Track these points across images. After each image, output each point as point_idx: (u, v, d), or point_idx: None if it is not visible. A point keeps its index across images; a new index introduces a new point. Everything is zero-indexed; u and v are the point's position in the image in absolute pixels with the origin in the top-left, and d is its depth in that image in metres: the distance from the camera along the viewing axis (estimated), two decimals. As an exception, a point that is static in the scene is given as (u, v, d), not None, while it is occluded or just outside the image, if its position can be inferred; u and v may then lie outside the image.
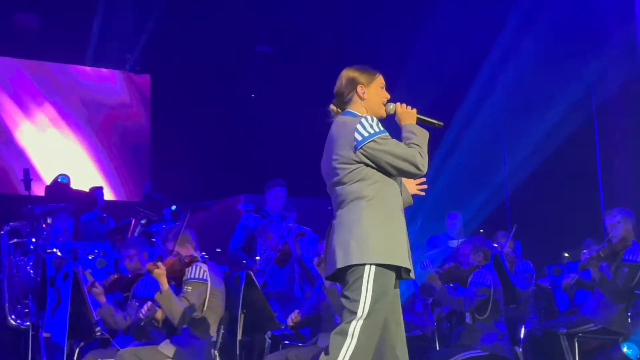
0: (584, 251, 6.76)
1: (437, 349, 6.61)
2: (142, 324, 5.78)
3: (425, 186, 4.29)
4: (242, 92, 11.42)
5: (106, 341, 6.06)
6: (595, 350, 6.50)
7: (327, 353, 3.79)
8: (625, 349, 5.75)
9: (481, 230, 8.24)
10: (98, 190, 9.56)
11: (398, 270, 3.89)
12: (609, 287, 6.50)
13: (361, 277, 3.79)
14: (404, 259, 3.88)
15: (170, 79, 11.55)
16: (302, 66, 11.13)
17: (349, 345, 3.75)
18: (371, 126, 3.88)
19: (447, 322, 6.86)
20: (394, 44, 10.53)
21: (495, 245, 7.63)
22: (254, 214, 7.88)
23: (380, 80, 4.10)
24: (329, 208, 10.07)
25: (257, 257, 7.44)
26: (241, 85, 11.39)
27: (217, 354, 5.66)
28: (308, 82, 10.83)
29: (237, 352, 5.74)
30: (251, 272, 5.95)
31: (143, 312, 5.69)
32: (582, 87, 10.21)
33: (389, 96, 4.11)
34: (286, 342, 6.34)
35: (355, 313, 3.77)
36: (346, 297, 3.83)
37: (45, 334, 6.15)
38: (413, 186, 4.26)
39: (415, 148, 3.91)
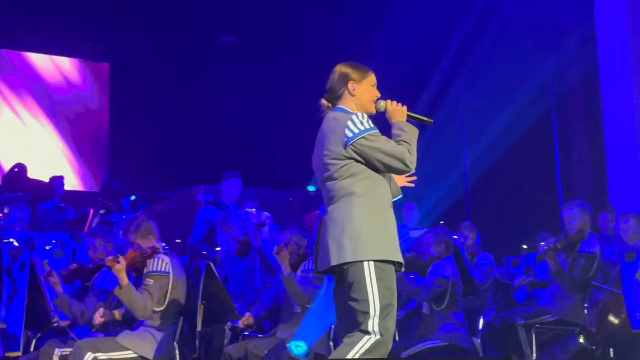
0: (542, 243, 6.83)
1: (396, 339, 6.64)
2: (93, 330, 5.72)
3: (415, 178, 4.33)
4: (202, 82, 11.34)
5: (64, 331, 6.00)
6: (551, 341, 6.57)
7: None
8: (581, 339, 5.82)
9: (441, 222, 8.27)
10: (58, 180, 9.45)
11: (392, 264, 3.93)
12: (565, 278, 6.58)
13: (362, 275, 3.83)
14: (398, 253, 3.93)
15: (130, 68, 11.44)
16: (264, 57, 11.09)
17: (369, 339, 3.80)
18: (362, 123, 3.93)
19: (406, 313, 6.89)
20: (354, 36, 10.53)
21: (455, 237, 7.67)
22: (213, 207, 7.86)
23: (372, 78, 4.14)
24: (290, 199, 10.05)
25: (218, 249, 7.42)
26: (202, 75, 11.32)
27: (176, 345, 5.63)
28: (269, 73, 10.80)
29: (197, 343, 5.70)
30: (211, 263, 5.92)
31: (96, 319, 5.62)
32: (541, 81, 10.31)
33: (379, 94, 4.14)
34: (246, 333, 6.33)
35: (368, 312, 3.81)
36: (354, 299, 3.85)
37: (1, 325, 6.06)
38: (402, 179, 4.30)
39: (405, 145, 3.95)
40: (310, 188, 10.55)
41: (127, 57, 11.36)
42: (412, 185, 4.36)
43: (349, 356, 3.77)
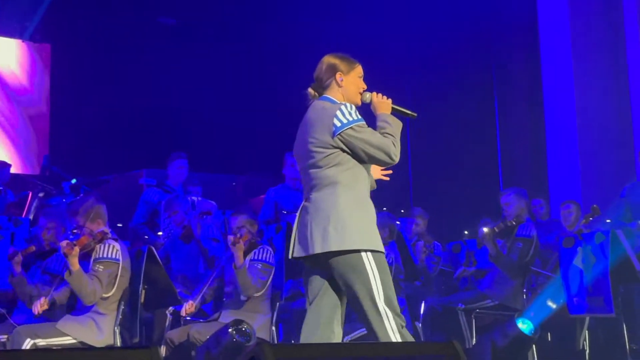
0: (481, 228, 6.93)
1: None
2: (35, 317, 5.64)
3: (390, 171, 4.39)
4: (144, 64, 11.20)
5: (3, 317, 5.90)
6: (491, 326, 6.66)
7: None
8: (520, 324, 5.91)
9: (384, 208, 8.30)
10: (5, 168, 9.25)
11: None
12: (504, 262, 6.68)
13: (362, 265, 3.91)
14: (380, 244, 4.01)
15: (71, 49, 11.25)
16: (205, 39, 11.00)
17: (389, 321, 3.91)
18: (350, 114, 4.00)
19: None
20: (297, 18, 10.50)
21: (398, 222, 7.72)
22: (157, 189, 7.78)
23: (359, 70, 4.23)
24: (233, 184, 9.99)
25: (160, 233, 7.35)
26: (143, 57, 11.18)
27: (117, 330, 5.57)
28: (212, 56, 10.72)
29: (138, 328, 5.66)
30: (153, 248, 5.87)
31: (35, 309, 5.53)
32: (484, 71, 10.41)
33: (365, 86, 4.21)
34: (187, 318, 6.29)
35: (374, 296, 3.91)
36: (357, 288, 3.92)
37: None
38: (378, 171, 4.36)
39: (389, 138, 4.01)
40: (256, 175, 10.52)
41: (69, 38, 11.17)
42: (387, 179, 4.42)
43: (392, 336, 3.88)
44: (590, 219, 7.24)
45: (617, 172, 9.01)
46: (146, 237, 7.39)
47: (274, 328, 6.08)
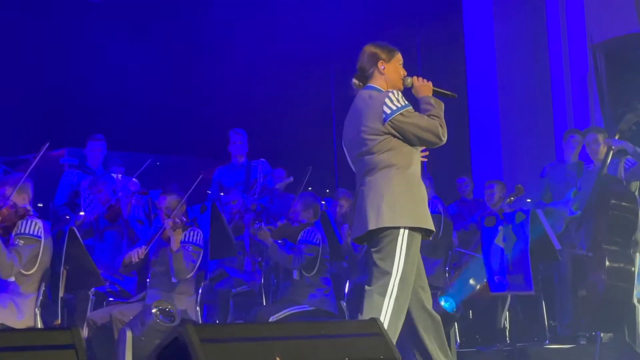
0: None
1: (265, 304, 6.67)
2: None
3: (427, 152, 4.52)
4: (68, 42, 10.98)
5: None
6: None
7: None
8: (442, 302, 6.00)
9: (309, 188, 8.31)
10: None
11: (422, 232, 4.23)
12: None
13: (395, 239, 4.13)
14: (430, 222, 4.24)
15: (-8, 26, 10.95)
16: (131, 19, 10.82)
17: (389, 303, 4.11)
18: (397, 100, 4.21)
19: (275, 278, 6.93)
20: (218, 6, 10.42)
21: (324, 202, 7.73)
22: (77, 170, 7.67)
23: (399, 56, 4.42)
24: (158, 163, 9.88)
25: (82, 213, 7.24)
26: (68, 35, 10.95)
27: (37, 311, 5.47)
28: (138, 34, 10.57)
29: (59, 310, 5.57)
30: (74, 228, 5.77)
31: None
32: (410, 52, 10.46)
33: (405, 72, 4.40)
34: (111, 299, 6.22)
35: (390, 273, 4.12)
36: (378, 259, 4.17)
37: None
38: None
39: (436, 120, 4.21)
40: (179, 155, 10.41)
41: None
42: (426, 159, 4.57)
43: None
44: (513, 198, 7.37)
45: (538, 152, 9.19)
46: (67, 217, 7.27)
47: (198, 308, 6.05)
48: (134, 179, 7.33)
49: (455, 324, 6.32)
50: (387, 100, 4.21)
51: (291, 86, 10.41)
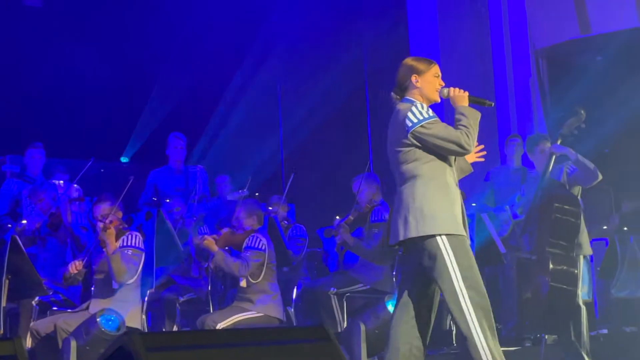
0: (337, 218, 6.99)
1: (212, 311, 6.63)
2: None
3: (484, 153, 4.74)
4: (8, 47, 10.80)
5: None
6: (363, 308, 6.75)
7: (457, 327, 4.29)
8: (390, 307, 6.01)
9: (257, 194, 8.29)
10: None
11: None
12: (365, 252, 6.76)
13: (434, 248, 4.23)
14: (460, 228, 4.29)
15: None
16: (72, 24, 10.69)
17: (468, 309, 4.19)
18: (420, 113, 4.33)
19: (222, 285, 6.90)
20: (164, 12, 10.35)
21: (270, 208, 7.72)
22: (17, 180, 7.57)
23: (434, 69, 4.54)
24: (102, 170, 9.75)
25: (24, 221, 7.12)
26: (7, 40, 10.77)
27: (-22, 322, 5.37)
28: (79, 40, 10.44)
29: (1, 320, 5.47)
30: (17, 237, 5.68)
31: None
32: (356, 57, 10.52)
33: (443, 84, 4.54)
34: (54, 308, 6.13)
35: (451, 281, 4.20)
36: (436, 275, 4.24)
37: None
38: (472, 155, 4.66)
39: (462, 129, 4.34)
40: (123, 159, 10.33)
41: None
42: (482, 159, 4.74)
43: (475, 337, 4.18)
44: (458, 203, 7.41)
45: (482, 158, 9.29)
46: (9, 226, 7.15)
47: (144, 316, 5.99)
48: (75, 185, 7.25)
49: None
50: (409, 114, 4.34)
51: (238, 90, 10.38)
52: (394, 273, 7.06)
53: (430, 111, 4.38)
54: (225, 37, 10.30)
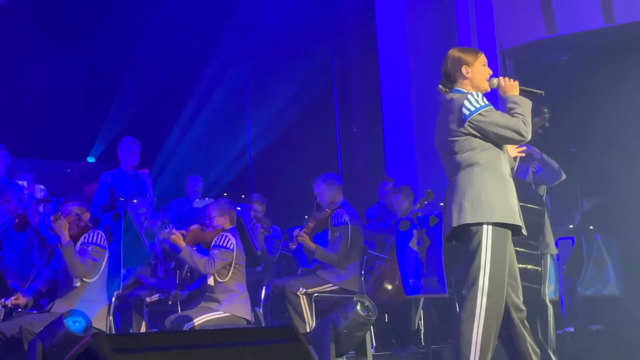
0: (296, 228, 6.98)
1: (179, 311, 6.59)
2: None
3: (524, 148, 4.77)
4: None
5: None
6: (331, 309, 6.76)
7: (460, 309, 4.29)
8: (358, 307, 6.02)
9: (225, 194, 8.28)
10: None
11: (511, 228, 4.34)
12: (328, 257, 6.76)
13: (479, 236, 4.26)
14: (516, 218, 4.34)
15: None
16: (39, 24, 10.60)
17: (481, 301, 4.22)
18: (477, 101, 4.34)
19: (190, 285, 6.86)
20: (131, 11, 10.29)
21: (239, 208, 7.70)
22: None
23: (482, 58, 4.53)
24: (68, 170, 9.67)
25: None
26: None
27: (-58, 324, 5.30)
28: (45, 39, 10.36)
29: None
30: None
31: None
32: (324, 56, 10.53)
33: (491, 72, 4.54)
34: (20, 310, 6.06)
35: (478, 271, 4.24)
36: (467, 257, 4.29)
37: None
38: (513, 150, 4.71)
39: (519, 117, 4.33)
40: (90, 159, 10.25)
41: None
42: (523, 154, 4.75)
43: (474, 330, 4.22)
44: (425, 202, 7.46)
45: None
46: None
47: (111, 317, 5.94)
48: (40, 186, 7.18)
49: (371, 327, 6.35)
50: (466, 102, 4.35)
51: (206, 90, 10.34)
52: (362, 273, 7.08)
53: (485, 99, 4.41)
54: (192, 36, 10.27)
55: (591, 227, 8.64)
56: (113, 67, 10.40)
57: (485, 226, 4.28)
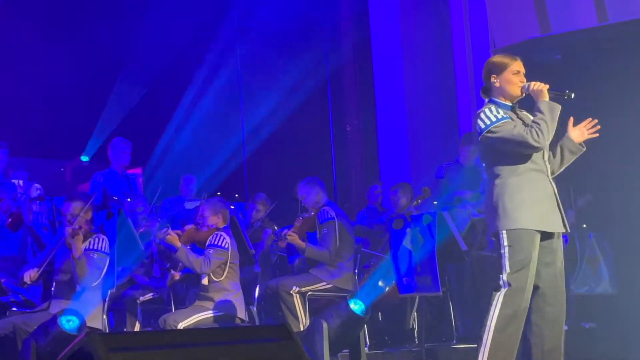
0: (285, 228, 6.99)
1: (173, 310, 6.60)
2: None
3: (598, 127, 4.64)
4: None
5: None
6: (325, 307, 6.76)
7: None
8: (352, 305, 6.03)
9: (219, 193, 8.27)
10: None
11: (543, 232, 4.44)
12: (319, 254, 6.76)
13: (499, 244, 4.43)
14: (534, 222, 4.40)
15: None
16: (36, 21, 10.59)
17: (494, 313, 4.36)
18: (488, 117, 4.44)
19: (183, 284, 6.86)
20: (122, 12, 10.29)
21: (233, 207, 7.70)
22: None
23: (513, 66, 4.54)
24: (62, 169, 9.65)
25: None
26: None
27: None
28: (39, 38, 10.35)
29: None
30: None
31: None
32: (318, 54, 10.54)
33: (524, 80, 4.54)
34: (14, 309, 6.06)
35: (501, 271, 4.40)
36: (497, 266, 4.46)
37: None
38: (583, 132, 4.63)
39: (533, 126, 4.37)
40: (84, 158, 10.24)
41: None
42: (596, 135, 4.64)
43: (489, 315, 4.35)
44: (420, 200, 7.46)
45: (444, 156, 9.35)
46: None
47: (105, 317, 5.94)
48: (35, 185, 7.18)
49: (365, 326, 6.36)
50: (479, 119, 4.46)
51: (199, 89, 10.34)
52: (356, 271, 7.08)
53: (502, 112, 4.45)
54: (186, 35, 10.26)
55: (584, 226, 8.65)
56: (107, 67, 10.40)
57: (502, 232, 4.43)
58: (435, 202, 7.46)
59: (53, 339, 5.34)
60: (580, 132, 4.66)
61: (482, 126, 4.44)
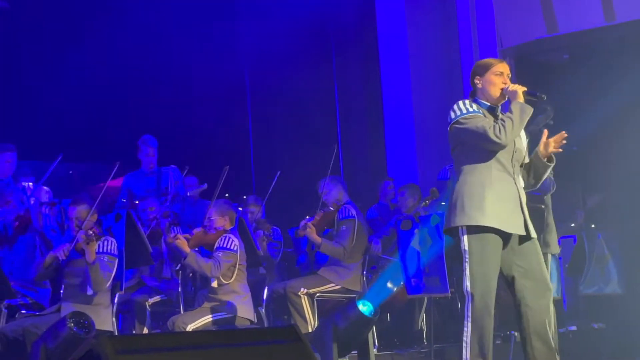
0: (307, 217, 7.01)
1: (182, 312, 6.60)
2: None
3: (564, 142, 4.56)
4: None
5: None
6: (333, 308, 6.77)
7: None
8: (361, 306, 6.03)
9: (226, 195, 8.27)
10: None
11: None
12: (333, 250, 6.77)
13: (458, 239, 4.41)
14: (491, 220, 4.36)
15: None
16: (42, 25, 10.61)
17: (469, 304, 4.36)
18: (460, 109, 4.49)
19: (192, 286, 6.87)
20: (122, 8, 10.30)
21: (241, 208, 7.70)
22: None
23: (495, 67, 4.53)
24: (71, 172, 9.69)
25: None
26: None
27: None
28: (46, 41, 10.37)
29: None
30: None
31: None
32: (324, 56, 10.54)
33: (508, 81, 4.53)
34: (23, 311, 6.08)
35: (464, 273, 4.37)
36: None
37: None
38: (550, 145, 4.55)
39: (498, 122, 4.39)
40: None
41: None
42: (560, 150, 4.56)
43: (464, 332, 4.38)
44: (429, 201, 7.46)
45: (451, 156, 9.34)
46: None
47: (114, 319, 5.95)
48: (45, 188, 7.18)
49: (373, 327, 6.35)
50: (454, 107, 4.52)
51: (206, 89, 10.33)
52: (364, 273, 7.08)
53: (473, 106, 4.48)
54: (192, 34, 10.26)
55: (593, 226, 8.63)
56: (115, 69, 10.41)
57: (460, 229, 4.42)
58: (443, 203, 7.45)
59: (62, 342, 5.35)
60: (544, 146, 4.59)
61: (452, 116, 4.50)
